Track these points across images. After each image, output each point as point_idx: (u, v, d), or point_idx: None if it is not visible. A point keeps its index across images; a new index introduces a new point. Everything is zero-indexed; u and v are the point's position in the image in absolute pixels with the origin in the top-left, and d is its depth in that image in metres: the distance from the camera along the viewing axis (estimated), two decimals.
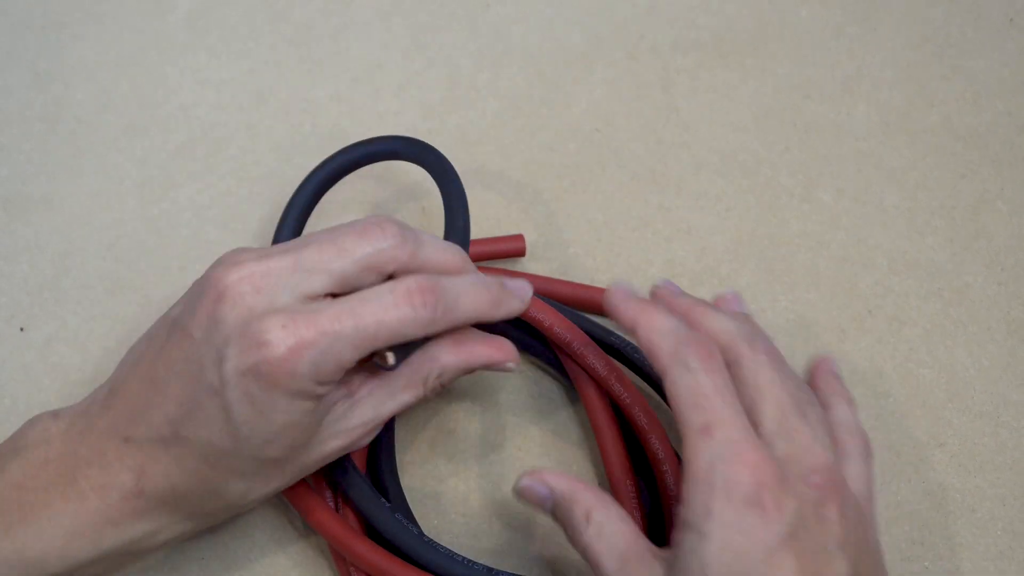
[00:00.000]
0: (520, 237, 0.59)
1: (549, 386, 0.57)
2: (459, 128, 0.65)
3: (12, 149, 0.64)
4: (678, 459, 0.52)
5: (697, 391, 0.44)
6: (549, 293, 0.57)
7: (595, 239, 0.61)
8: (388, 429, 0.54)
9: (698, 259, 0.60)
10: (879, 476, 0.54)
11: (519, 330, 0.56)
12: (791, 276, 0.60)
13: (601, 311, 0.55)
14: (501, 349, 0.50)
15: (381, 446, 0.53)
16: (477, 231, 0.61)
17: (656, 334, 0.46)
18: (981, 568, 0.52)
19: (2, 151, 0.64)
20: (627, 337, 0.55)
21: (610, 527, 0.44)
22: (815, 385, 0.49)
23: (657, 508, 0.52)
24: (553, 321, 0.54)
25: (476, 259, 0.57)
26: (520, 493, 0.47)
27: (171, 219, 0.63)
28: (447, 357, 0.49)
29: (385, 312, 0.45)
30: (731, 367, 0.45)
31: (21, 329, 0.59)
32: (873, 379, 0.57)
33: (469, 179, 0.62)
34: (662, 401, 0.55)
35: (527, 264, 0.60)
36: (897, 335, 0.58)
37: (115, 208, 0.63)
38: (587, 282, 0.59)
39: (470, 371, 0.50)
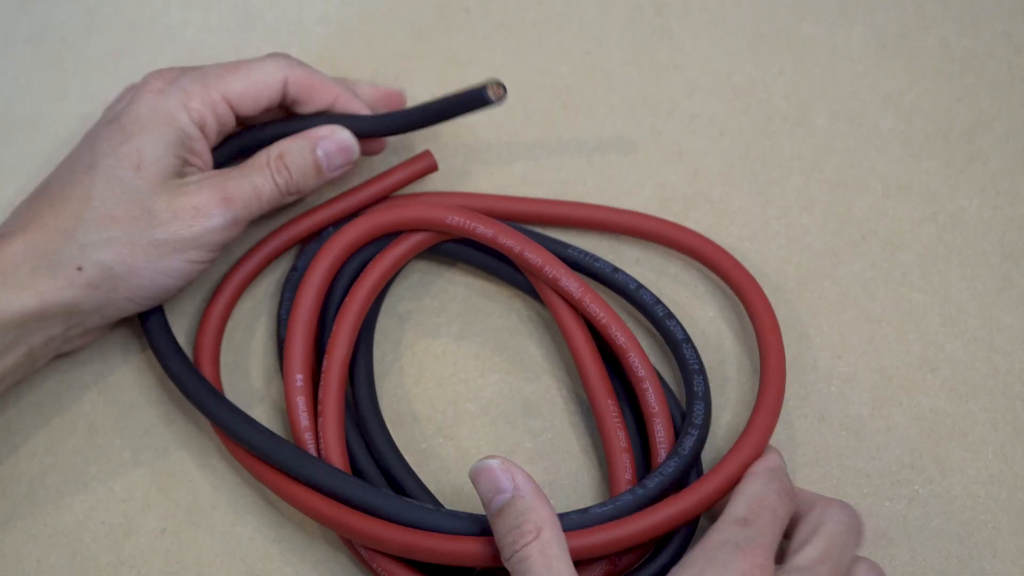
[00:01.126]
0: (427, 153, 0.57)
1: (525, 313, 0.56)
2: (450, 50, 0.63)
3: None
4: (658, 376, 0.51)
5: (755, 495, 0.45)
6: (517, 213, 0.57)
7: (586, 163, 0.60)
8: (368, 355, 0.53)
9: (690, 183, 0.59)
10: (871, 400, 0.53)
11: (491, 257, 0.55)
12: (784, 200, 0.58)
13: (567, 222, 0.56)
14: (335, 128, 0.53)
15: (360, 371, 0.53)
16: (464, 156, 0.60)
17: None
18: (972, 492, 0.51)
19: None
20: (601, 258, 0.55)
21: (558, 550, 0.42)
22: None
23: (641, 426, 0.52)
24: (523, 247, 0.53)
25: (392, 189, 0.57)
26: (478, 473, 0.45)
27: None
28: (283, 141, 0.53)
29: (261, 64, 0.53)
30: (800, 516, 0.46)
31: None
32: (866, 304, 0.55)
33: None
34: (642, 317, 0.55)
35: (520, 187, 0.59)
36: (890, 260, 0.57)
37: None
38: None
39: (312, 152, 0.53)
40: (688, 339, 0.52)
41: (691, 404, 0.50)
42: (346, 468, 0.49)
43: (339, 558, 0.50)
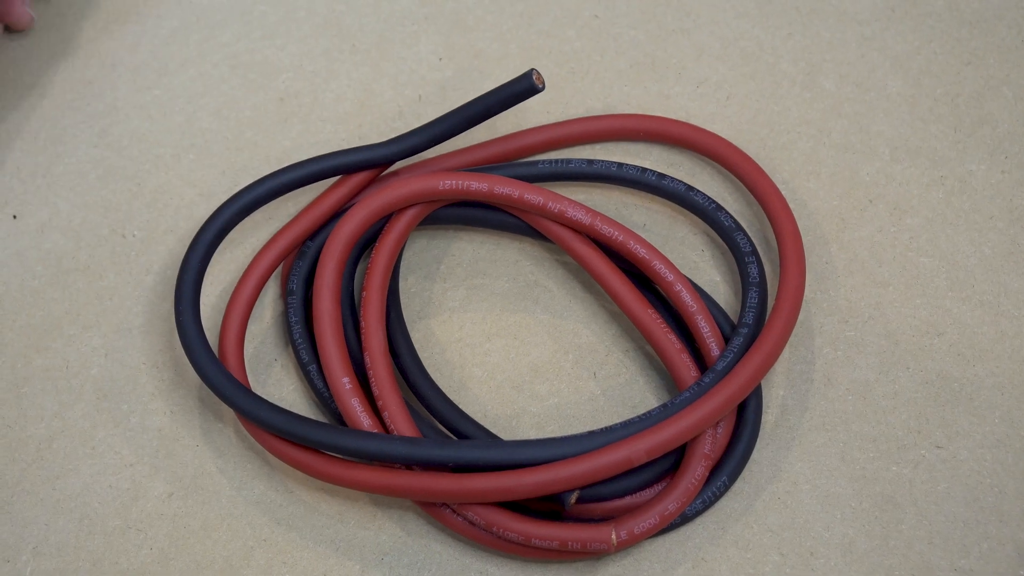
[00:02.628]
0: None
1: (532, 278, 0.55)
2: (455, 13, 0.62)
3: (2, 36, 0.62)
4: (689, 281, 0.51)
5: None
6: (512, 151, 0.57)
7: None
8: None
9: None
10: (877, 365, 0.52)
11: (490, 211, 0.54)
12: (791, 165, 0.57)
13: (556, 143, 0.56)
14: None
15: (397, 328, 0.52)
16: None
17: None
18: (978, 456, 0.50)
19: None
20: (625, 163, 0.55)
21: None
22: None
23: (684, 329, 0.52)
24: (521, 190, 0.52)
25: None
26: None
27: (164, 106, 0.60)
28: None
29: None
30: None
31: (14, 216, 0.57)
32: (873, 268, 0.54)
33: (465, 65, 0.60)
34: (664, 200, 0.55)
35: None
36: (898, 224, 0.55)
37: (107, 95, 0.60)
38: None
39: None
40: (739, 226, 0.53)
41: (746, 279, 0.51)
42: None
43: (345, 522, 0.49)
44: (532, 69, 0.52)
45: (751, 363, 0.48)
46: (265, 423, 0.48)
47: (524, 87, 0.53)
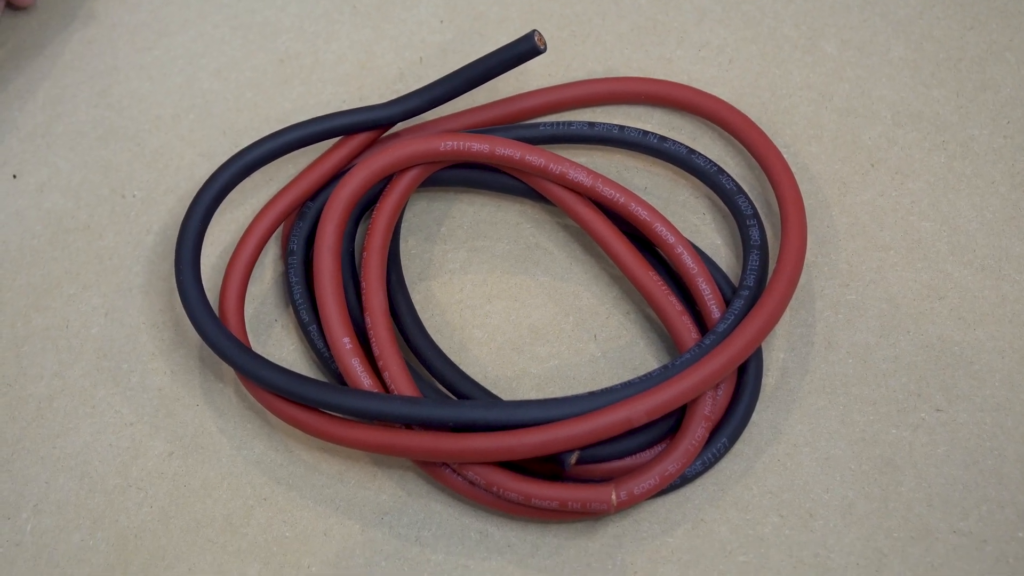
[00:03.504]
0: None
1: (533, 240, 0.54)
2: None
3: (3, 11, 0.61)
4: (690, 243, 0.51)
5: None
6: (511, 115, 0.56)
7: None
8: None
9: None
10: (878, 328, 0.51)
11: (491, 172, 0.54)
12: (793, 129, 0.57)
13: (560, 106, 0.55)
14: None
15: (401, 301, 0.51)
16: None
17: None
18: (978, 420, 0.49)
19: None
20: (625, 126, 0.54)
21: None
22: None
23: (684, 292, 0.52)
24: (522, 151, 0.51)
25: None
26: None
27: (164, 66, 0.59)
28: None
29: None
30: None
31: (14, 176, 0.56)
32: (874, 232, 0.54)
33: (466, 28, 0.59)
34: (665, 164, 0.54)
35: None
36: (900, 188, 0.55)
37: (107, 54, 0.59)
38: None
39: None
40: (741, 189, 0.52)
41: (747, 242, 0.51)
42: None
43: (345, 481, 0.49)
44: (534, 30, 0.52)
45: (752, 325, 0.47)
46: (266, 382, 0.47)
47: (526, 48, 0.52)
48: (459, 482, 0.47)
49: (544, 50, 0.52)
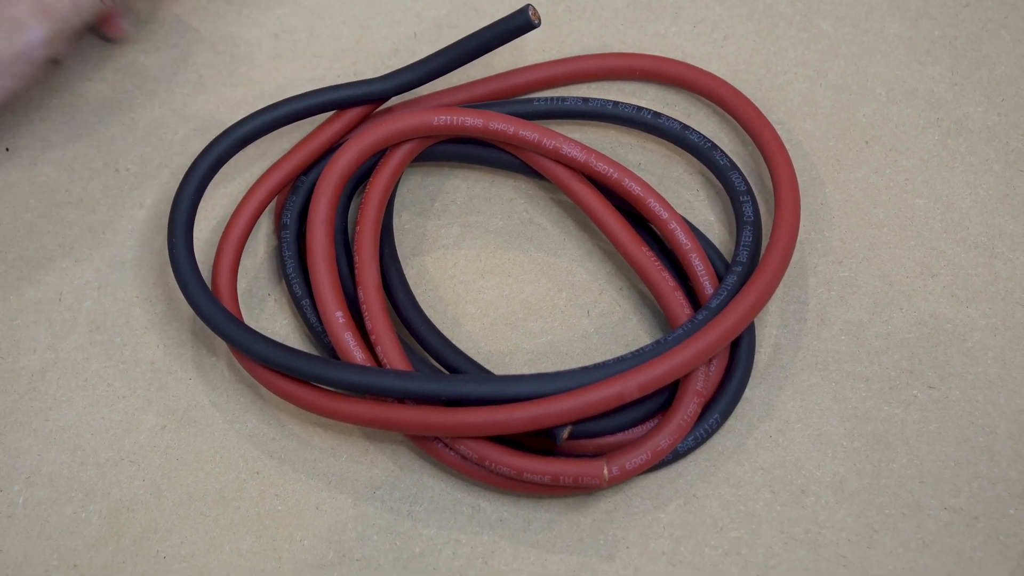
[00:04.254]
0: None
1: (526, 216, 0.54)
2: None
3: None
4: (683, 219, 0.50)
5: None
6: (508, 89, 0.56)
7: None
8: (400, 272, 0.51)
9: None
10: (871, 306, 0.51)
11: (485, 148, 0.53)
12: (788, 106, 0.56)
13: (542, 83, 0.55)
14: None
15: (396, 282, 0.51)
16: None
17: None
18: (970, 397, 0.49)
19: None
20: (620, 102, 0.54)
21: None
22: None
23: (678, 268, 0.51)
24: (516, 126, 0.51)
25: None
26: None
27: (159, 40, 0.59)
28: None
29: None
30: None
31: (7, 149, 0.56)
32: (868, 209, 0.53)
33: (460, 3, 0.59)
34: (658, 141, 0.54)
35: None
36: (894, 165, 0.54)
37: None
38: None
39: None
40: (734, 165, 0.52)
41: (740, 218, 0.50)
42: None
43: (337, 456, 0.49)
44: (528, 4, 0.51)
45: (744, 301, 0.47)
46: (259, 356, 0.47)
47: (520, 23, 0.51)
48: (451, 456, 0.47)
49: (538, 24, 0.51)
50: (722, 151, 0.52)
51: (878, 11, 0.58)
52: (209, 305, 0.48)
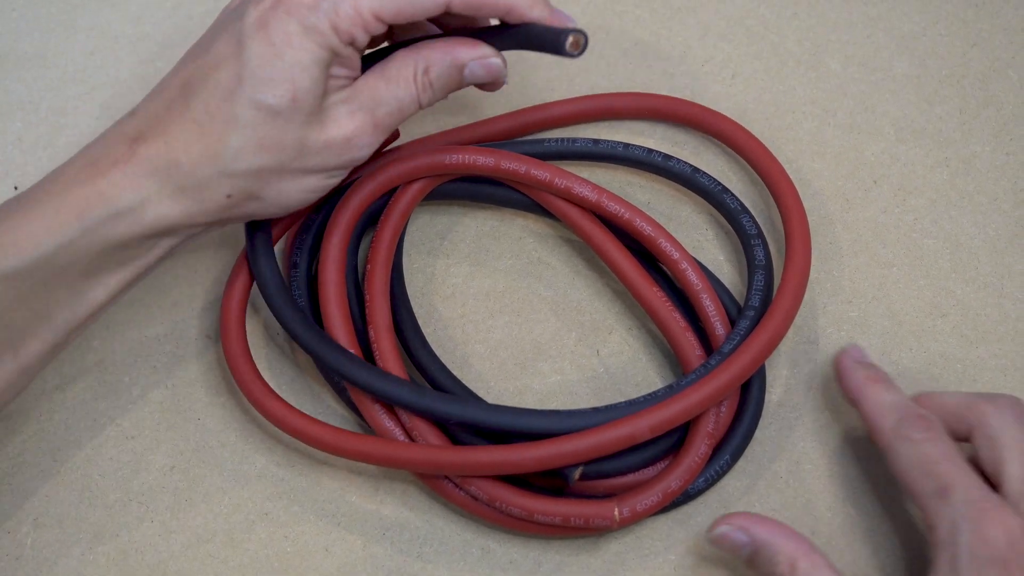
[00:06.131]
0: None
1: (535, 255, 0.54)
2: None
3: (4, 5, 0.61)
4: (694, 260, 0.51)
5: (924, 460, 0.42)
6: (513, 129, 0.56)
7: None
8: (404, 296, 0.51)
9: None
10: (880, 346, 0.51)
11: (495, 186, 0.54)
12: (796, 144, 0.56)
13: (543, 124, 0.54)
14: (483, 47, 0.48)
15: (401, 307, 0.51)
16: (470, 100, 0.57)
17: (879, 409, 0.45)
18: None
19: None
20: (630, 143, 0.54)
21: (819, 571, 0.42)
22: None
23: (688, 308, 0.51)
24: (528, 165, 0.51)
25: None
26: (715, 541, 0.45)
27: None
28: (431, 52, 0.47)
29: None
30: (974, 431, 0.43)
31: (15, 188, 0.56)
32: (877, 249, 0.54)
33: None
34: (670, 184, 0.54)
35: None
36: (903, 205, 0.55)
37: (110, 67, 0.59)
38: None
39: (459, 72, 0.48)
40: (745, 209, 0.52)
41: (751, 262, 0.51)
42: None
43: (347, 496, 0.49)
44: (575, 31, 0.46)
45: (755, 344, 0.47)
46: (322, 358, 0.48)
47: (554, 43, 0.47)
48: (462, 497, 0.47)
49: (575, 55, 0.46)
50: (732, 194, 0.52)
51: (886, 50, 0.59)
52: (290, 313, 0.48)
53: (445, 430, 0.47)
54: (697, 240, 0.54)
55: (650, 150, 0.53)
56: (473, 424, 0.46)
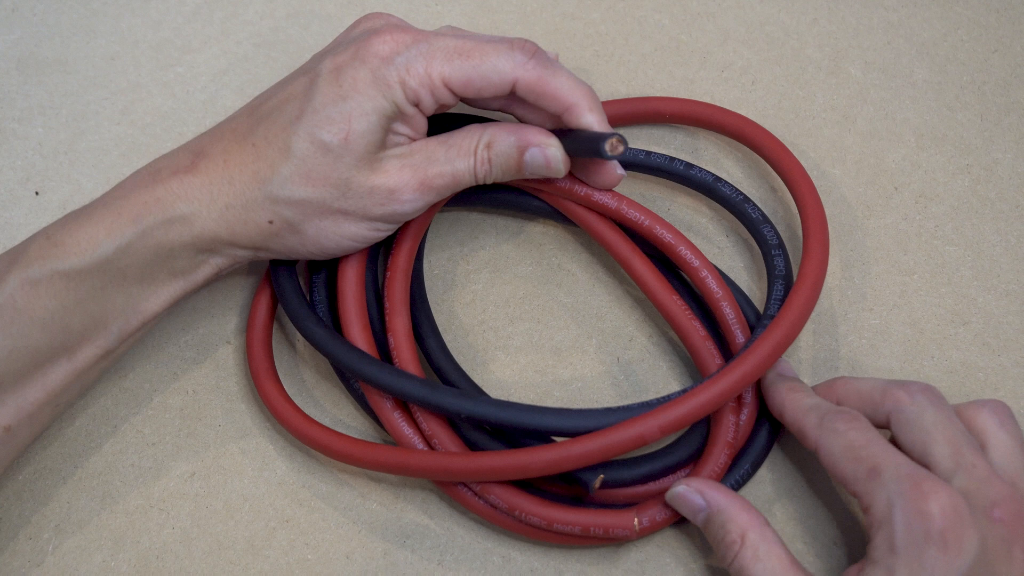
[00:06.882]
0: None
1: (556, 261, 0.54)
2: None
3: (25, 10, 0.61)
4: (714, 267, 0.51)
5: (850, 446, 0.43)
6: None
7: None
8: (425, 303, 0.51)
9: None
10: (902, 353, 0.51)
11: (515, 193, 0.53)
12: (817, 151, 0.56)
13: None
14: (548, 135, 0.48)
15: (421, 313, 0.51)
16: None
17: (801, 413, 0.45)
18: None
19: (15, 12, 0.61)
20: (652, 151, 0.54)
21: (766, 549, 0.43)
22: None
23: (708, 316, 0.51)
24: None
25: None
26: (672, 500, 0.45)
27: (187, 84, 0.59)
28: (497, 129, 0.48)
29: (494, 57, 0.47)
30: (891, 417, 0.44)
31: (36, 193, 0.56)
32: (898, 256, 0.53)
33: None
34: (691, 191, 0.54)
35: None
36: (924, 212, 0.54)
37: (130, 72, 0.59)
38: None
39: (520, 154, 0.48)
40: (766, 219, 0.51)
41: (771, 272, 0.50)
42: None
43: (367, 504, 0.49)
44: (613, 135, 0.46)
45: (768, 342, 0.46)
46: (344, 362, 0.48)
47: (593, 149, 0.47)
48: (481, 505, 0.47)
49: (612, 157, 0.46)
50: (754, 204, 0.52)
51: (906, 56, 0.58)
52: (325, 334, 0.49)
53: (463, 436, 0.47)
54: (717, 248, 0.54)
55: (672, 158, 0.53)
56: (484, 420, 0.46)
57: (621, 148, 0.46)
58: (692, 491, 0.45)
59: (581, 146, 0.47)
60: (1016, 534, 0.40)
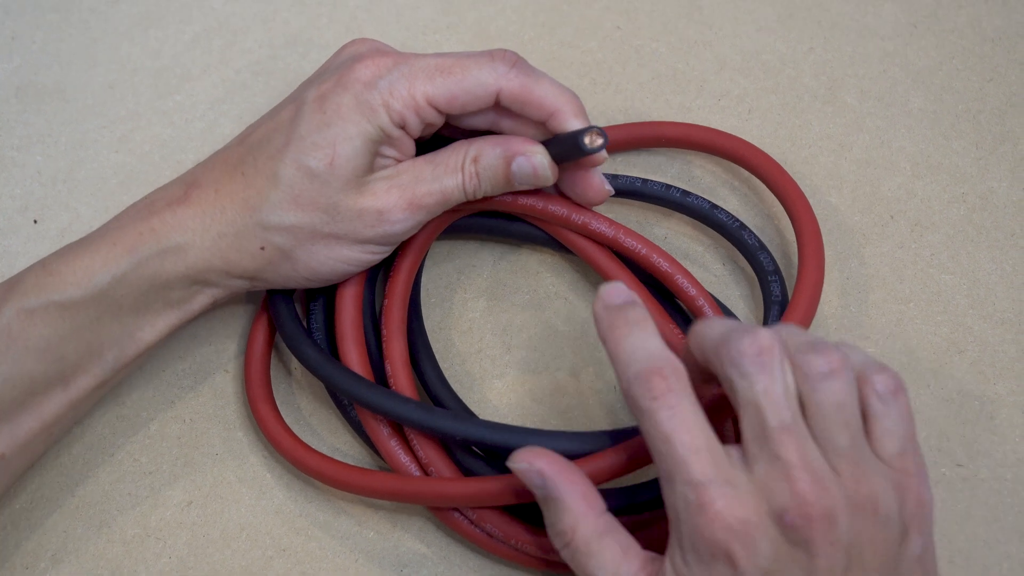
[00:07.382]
0: None
1: (553, 289, 0.54)
2: (478, 23, 0.61)
3: (25, 38, 0.61)
4: (711, 295, 0.51)
5: (654, 434, 0.39)
6: None
7: None
8: (421, 328, 0.51)
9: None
10: None
11: (512, 221, 0.54)
12: (812, 180, 0.56)
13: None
14: (534, 144, 0.48)
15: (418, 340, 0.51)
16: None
17: (620, 361, 0.40)
18: (999, 475, 0.49)
19: (15, 40, 0.61)
20: (648, 179, 0.54)
21: (598, 544, 0.40)
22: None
23: None
24: (545, 201, 0.51)
25: None
26: (514, 472, 0.42)
27: (185, 112, 0.59)
28: (483, 143, 0.48)
29: (475, 71, 0.47)
30: (719, 375, 0.40)
31: (35, 221, 0.56)
32: (894, 284, 0.54)
33: None
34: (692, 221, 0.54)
35: None
36: (919, 240, 0.55)
37: (129, 100, 0.59)
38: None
39: (507, 164, 0.48)
40: (763, 246, 0.52)
41: (768, 298, 0.50)
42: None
43: (364, 532, 0.49)
44: (591, 128, 0.46)
45: None
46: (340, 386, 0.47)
47: (574, 147, 0.47)
48: (477, 533, 0.47)
49: (592, 150, 0.46)
50: (750, 231, 0.52)
51: (902, 85, 0.59)
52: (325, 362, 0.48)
53: (458, 463, 0.47)
54: (713, 277, 0.54)
55: (668, 186, 0.53)
56: (479, 442, 0.45)
57: (600, 140, 0.46)
58: (531, 470, 0.42)
59: (564, 148, 0.47)
60: (811, 530, 0.37)
